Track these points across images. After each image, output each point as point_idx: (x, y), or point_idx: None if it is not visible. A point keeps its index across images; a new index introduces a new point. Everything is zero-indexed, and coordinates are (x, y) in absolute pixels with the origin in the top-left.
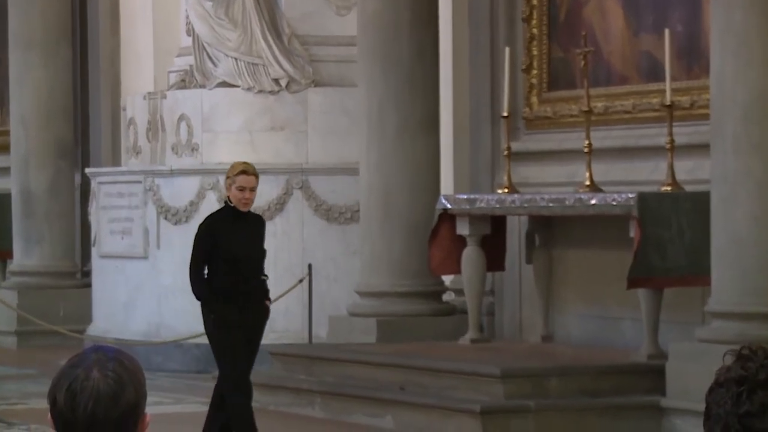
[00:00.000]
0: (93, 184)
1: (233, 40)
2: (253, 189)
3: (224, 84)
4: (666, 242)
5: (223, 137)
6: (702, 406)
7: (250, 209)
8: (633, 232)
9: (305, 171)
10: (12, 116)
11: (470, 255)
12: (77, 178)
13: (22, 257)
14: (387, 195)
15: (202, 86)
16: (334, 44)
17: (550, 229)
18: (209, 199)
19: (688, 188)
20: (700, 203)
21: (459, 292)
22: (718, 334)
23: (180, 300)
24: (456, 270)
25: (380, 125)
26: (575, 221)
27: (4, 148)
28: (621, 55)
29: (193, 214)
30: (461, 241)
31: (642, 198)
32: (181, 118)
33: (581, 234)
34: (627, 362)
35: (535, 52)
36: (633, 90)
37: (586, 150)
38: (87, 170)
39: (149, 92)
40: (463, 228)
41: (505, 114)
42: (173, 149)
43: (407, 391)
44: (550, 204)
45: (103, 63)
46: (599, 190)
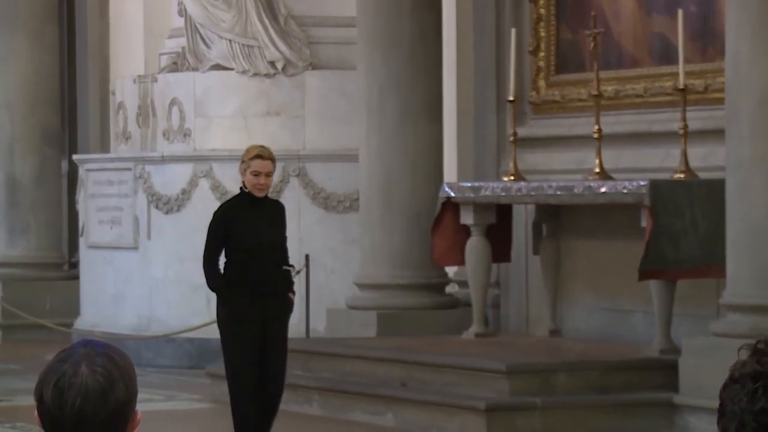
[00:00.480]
0: (81, 172)
1: (227, 21)
2: (269, 174)
3: (218, 67)
4: (679, 232)
5: (217, 122)
6: (716, 403)
7: (268, 195)
8: (644, 222)
9: (302, 158)
10: None
11: (475, 245)
12: (64, 166)
13: (7, 248)
14: (388, 183)
15: (195, 69)
16: (333, 25)
17: (558, 219)
18: (202, 187)
19: (702, 175)
20: (715, 191)
21: (463, 284)
22: (733, 328)
23: (171, 292)
24: (460, 261)
25: (381, 110)
26: (584, 210)
27: None
28: (632, 37)
29: (185, 203)
30: (465, 231)
31: (654, 186)
32: (173, 103)
33: (590, 223)
34: (638, 357)
35: (543, 34)
36: (645, 73)
37: (596, 136)
38: (74, 157)
39: (139, 76)
40: (467, 217)
41: (511, 98)
42: (164, 135)
43: (408, 388)
44: (558, 192)
45: (92, 45)
46: (609, 178)
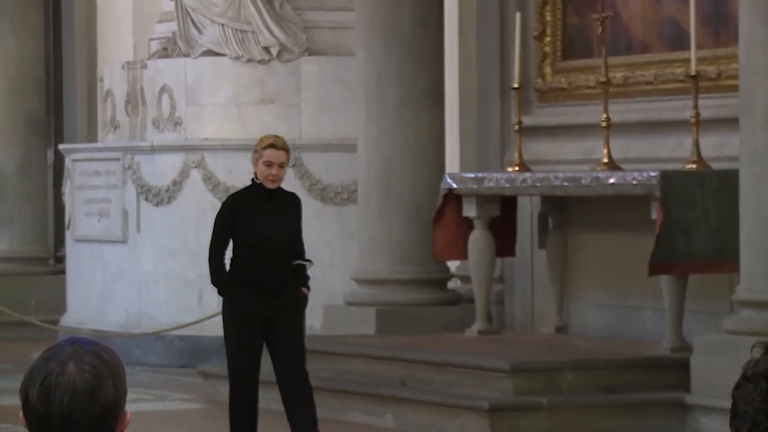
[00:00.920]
0: (67, 162)
1: (220, 5)
2: (283, 165)
3: (210, 53)
4: (691, 225)
5: (209, 111)
6: (728, 403)
7: (282, 187)
8: (655, 214)
9: (298, 147)
10: None
11: (478, 239)
12: (50, 156)
13: None
14: (387, 174)
15: (186, 55)
16: (330, 9)
17: (565, 211)
18: (193, 178)
19: (715, 166)
20: (728, 182)
21: (465, 280)
22: (747, 325)
23: (162, 288)
24: (462, 255)
25: (380, 98)
26: (592, 202)
27: None
28: (642, 21)
29: (176, 195)
30: (468, 224)
31: (665, 177)
32: (163, 90)
33: (598, 216)
34: (648, 356)
35: (549, 18)
36: (655, 59)
37: (604, 124)
38: (60, 147)
39: (128, 62)
40: (470, 209)
41: (516, 85)
42: (154, 124)
43: (409, 387)
44: (565, 183)
45: (78, 30)
46: (618, 168)
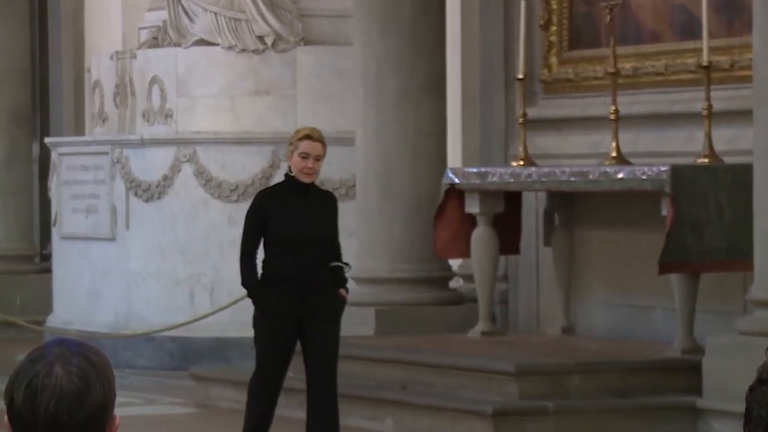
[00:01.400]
0: (53, 156)
1: None
2: (319, 158)
3: (202, 42)
4: (702, 222)
5: (201, 103)
6: (742, 407)
7: (317, 183)
8: (665, 211)
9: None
10: None
11: (481, 236)
12: (35, 149)
13: None
14: (386, 168)
15: (177, 45)
16: None
17: (572, 207)
18: (185, 173)
19: (728, 160)
20: (742, 177)
21: (468, 278)
22: (761, 326)
23: (152, 287)
24: (465, 253)
25: (379, 89)
26: (600, 198)
27: None
28: (652, 9)
29: (167, 190)
30: (470, 221)
31: (675, 171)
32: (153, 81)
33: (606, 212)
34: (658, 358)
35: (555, 6)
36: (665, 49)
37: (613, 117)
38: (46, 140)
39: (117, 52)
40: (473, 206)
41: (521, 76)
42: (144, 116)
43: (409, 391)
44: (572, 178)
45: (65, 19)
46: (627, 163)
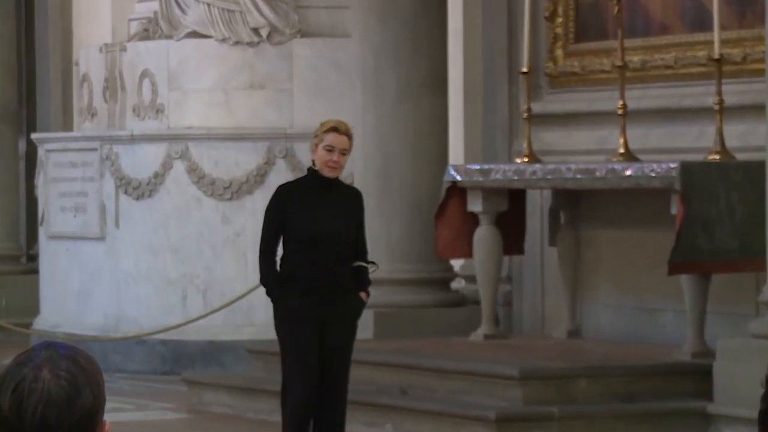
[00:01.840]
0: (40, 153)
1: None
2: (345, 152)
3: (194, 34)
4: (714, 220)
5: (193, 97)
6: (754, 413)
7: (341, 180)
8: (675, 209)
9: (289, 137)
10: None
11: (483, 235)
12: (22, 146)
13: None
14: (386, 165)
15: (169, 37)
16: None
17: (578, 205)
18: (177, 170)
19: (740, 157)
20: (754, 174)
21: (470, 279)
22: None
23: (143, 288)
24: (467, 253)
25: (377, 83)
26: (607, 196)
27: None
28: (661, 0)
29: (158, 188)
30: (473, 220)
31: (685, 168)
32: (144, 75)
33: (614, 211)
34: (667, 361)
35: None
36: (675, 41)
37: (620, 112)
38: (33, 136)
39: (106, 44)
40: (476, 204)
41: (525, 70)
42: (134, 111)
43: (410, 396)
44: (578, 175)
45: (52, 10)
46: (635, 159)
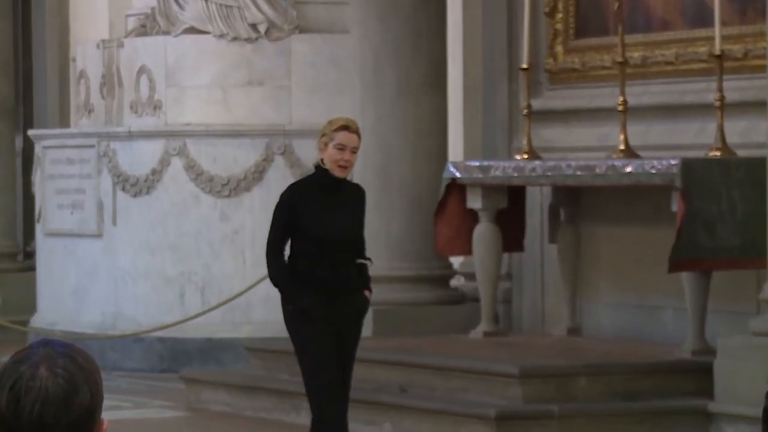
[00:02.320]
0: (37, 149)
1: None
2: (355, 150)
3: (192, 30)
4: (715, 218)
5: (191, 93)
6: (756, 411)
7: (348, 178)
8: (676, 206)
9: (288, 133)
10: None
11: (483, 233)
12: (18, 142)
13: None
14: (385, 163)
15: (166, 33)
16: None
17: (578, 203)
18: (174, 167)
19: (741, 153)
20: (755, 171)
21: (470, 277)
22: None
23: (140, 286)
24: (466, 250)
25: (377, 80)
26: (607, 193)
27: None
28: None
29: (156, 185)
30: (472, 217)
31: (686, 165)
32: (141, 71)
33: (614, 208)
34: (668, 359)
35: None
36: (676, 37)
37: (621, 108)
38: (30, 132)
39: (103, 40)
40: (475, 201)
41: (525, 66)
42: (132, 108)
43: (409, 394)
44: (578, 172)
45: (49, 6)
46: (636, 156)
